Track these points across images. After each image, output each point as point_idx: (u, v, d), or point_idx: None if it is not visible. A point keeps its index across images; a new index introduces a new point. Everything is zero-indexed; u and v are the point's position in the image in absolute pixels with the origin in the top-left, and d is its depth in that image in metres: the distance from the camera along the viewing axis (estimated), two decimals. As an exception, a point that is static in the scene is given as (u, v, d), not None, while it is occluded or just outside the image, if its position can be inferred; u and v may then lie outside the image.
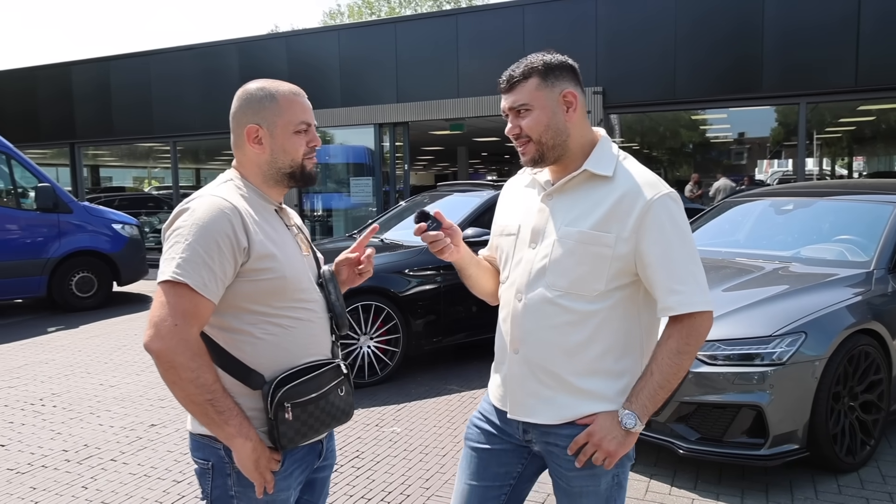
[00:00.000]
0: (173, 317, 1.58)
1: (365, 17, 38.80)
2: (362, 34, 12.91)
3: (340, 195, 13.01)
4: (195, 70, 13.97)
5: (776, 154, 13.27)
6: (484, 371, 6.01)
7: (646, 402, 1.73)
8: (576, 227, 1.77)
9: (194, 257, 1.60)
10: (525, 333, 1.83)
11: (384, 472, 4.06)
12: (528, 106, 1.79)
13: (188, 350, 1.58)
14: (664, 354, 1.72)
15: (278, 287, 1.72)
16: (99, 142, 15.82)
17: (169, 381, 1.60)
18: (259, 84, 1.81)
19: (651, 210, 1.71)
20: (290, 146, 1.79)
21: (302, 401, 1.71)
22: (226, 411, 1.63)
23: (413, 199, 8.00)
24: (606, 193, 1.76)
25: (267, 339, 1.72)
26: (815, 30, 9.68)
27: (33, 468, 4.20)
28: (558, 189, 1.84)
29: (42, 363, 6.63)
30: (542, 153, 1.81)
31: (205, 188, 1.77)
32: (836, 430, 3.76)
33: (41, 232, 9.08)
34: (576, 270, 1.76)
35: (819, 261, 4.62)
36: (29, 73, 16.09)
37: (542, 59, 1.80)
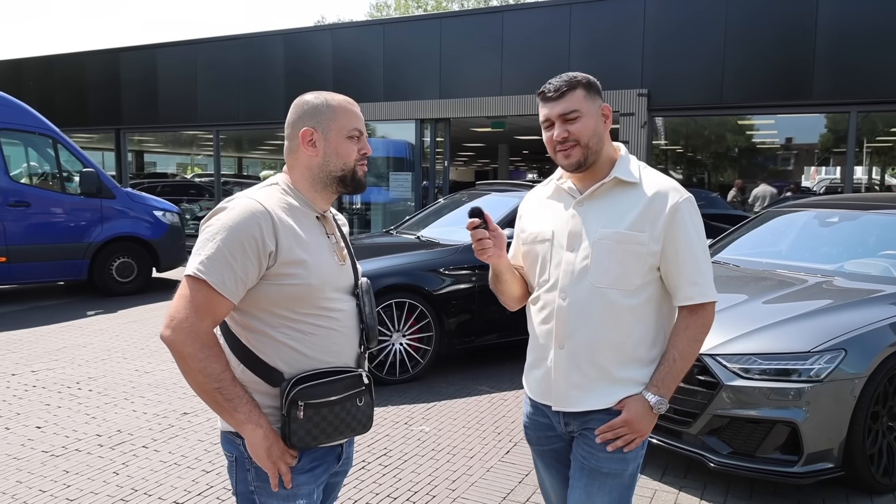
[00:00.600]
0: (187, 309, 1.65)
1: (412, 10, 38.85)
2: (407, 29, 12.90)
3: (379, 189, 13.03)
4: (240, 60, 14.11)
5: (824, 161, 12.94)
6: (515, 373, 5.96)
7: (671, 386, 1.95)
8: (612, 228, 1.94)
9: (218, 256, 1.66)
10: (571, 329, 1.98)
11: (411, 472, 4.04)
12: (579, 112, 1.95)
13: (196, 341, 1.65)
14: (685, 342, 1.95)
15: (302, 293, 1.75)
16: (144, 128, 16.09)
17: (182, 370, 1.69)
18: (316, 93, 1.89)
19: (678, 211, 1.93)
20: (343, 150, 1.85)
21: (315, 402, 1.74)
22: (234, 399, 1.69)
23: (451, 197, 7.97)
24: (635, 197, 1.96)
25: (286, 342, 1.76)
26: (870, 36, 9.39)
27: (67, 451, 4.27)
28: (589, 196, 2.01)
29: (80, 346, 6.76)
30: (587, 157, 1.97)
31: (248, 190, 1.83)
32: (873, 451, 3.68)
33: (84, 216, 9.25)
34: (616, 268, 1.93)
35: (863, 276, 4.51)
36: (78, 58, 16.44)
37: (581, 74, 2.00)
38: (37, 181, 9.46)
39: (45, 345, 6.80)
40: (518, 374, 5.94)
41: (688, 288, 1.94)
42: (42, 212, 8.93)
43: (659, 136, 11.23)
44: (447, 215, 7.28)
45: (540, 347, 2.08)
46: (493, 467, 4.13)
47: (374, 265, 5.78)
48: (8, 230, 8.60)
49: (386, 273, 5.68)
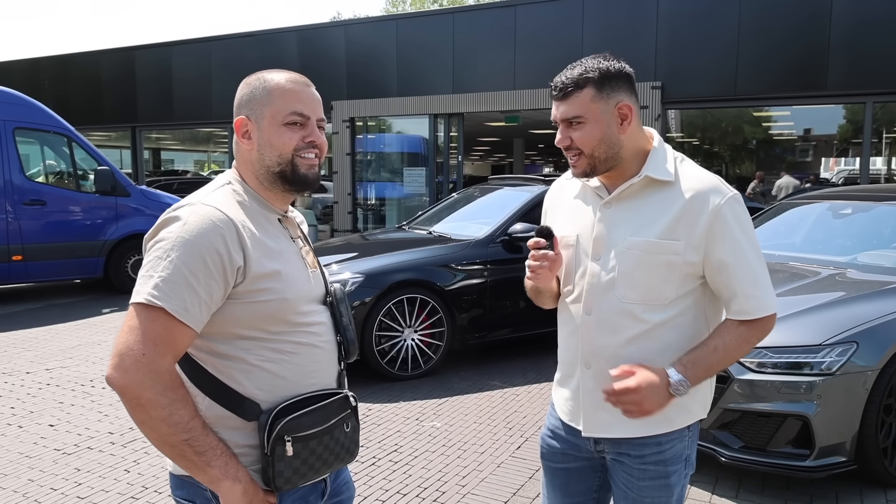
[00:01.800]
0: (142, 345, 1.35)
1: (427, 5, 38.80)
2: (420, 24, 12.87)
3: (394, 184, 13.04)
4: (255, 57, 14.15)
5: (843, 152, 12.80)
6: (528, 368, 5.93)
7: (700, 374, 1.69)
8: (642, 236, 1.71)
9: (175, 277, 1.37)
10: (597, 348, 1.78)
11: (421, 468, 4.02)
12: (581, 119, 1.70)
13: (157, 384, 1.35)
14: (734, 337, 1.70)
15: (277, 310, 1.50)
16: (159, 125, 16.20)
17: (137, 420, 1.38)
18: (260, 73, 1.60)
19: (720, 214, 1.67)
20: (277, 140, 1.54)
21: (304, 435, 1.49)
22: (207, 451, 1.40)
23: (464, 192, 7.93)
24: (670, 199, 1.71)
25: (263, 366, 1.50)
26: (883, 27, 9.28)
27: (79, 449, 4.29)
28: (617, 197, 1.77)
29: (95, 344, 6.81)
30: (594, 166, 1.74)
31: (198, 192, 1.55)
32: (886, 444, 3.65)
33: (100, 214, 9.32)
34: (646, 281, 1.71)
35: (876, 268, 4.47)
36: (94, 56, 16.57)
37: (597, 66, 1.70)
38: (52, 180, 9.56)
39: (60, 343, 6.86)
40: (531, 370, 5.95)
41: (743, 301, 1.69)
42: (58, 210, 9.00)
43: (672, 129, 11.12)
44: (460, 210, 7.24)
45: (567, 364, 1.90)
46: (504, 463, 4.10)
47: (387, 261, 5.77)
48: (24, 228, 8.67)
49: (398, 269, 5.67)
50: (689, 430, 1.83)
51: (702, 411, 1.84)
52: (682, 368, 1.67)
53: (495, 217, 6.37)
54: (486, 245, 6.06)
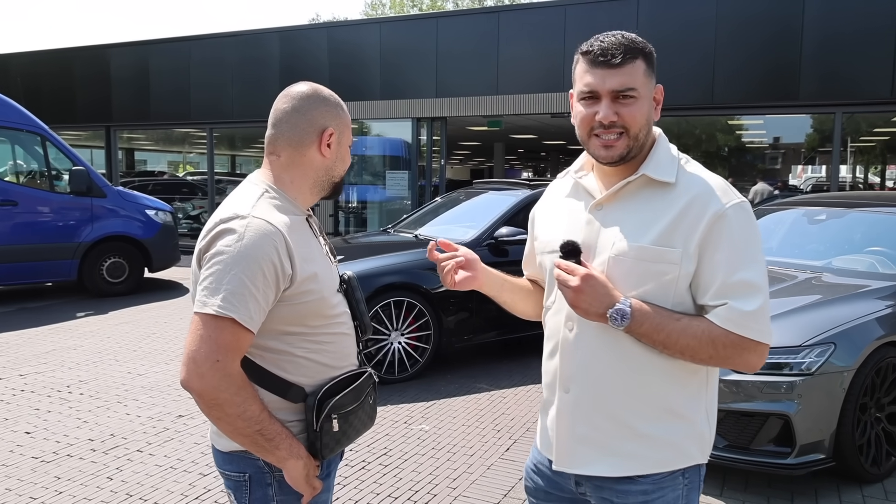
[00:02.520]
0: (216, 352, 1.50)
1: (407, 9, 38.79)
2: (404, 27, 12.86)
3: (376, 188, 12.98)
4: (235, 57, 14.00)
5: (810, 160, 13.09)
6: (515, 371, 5.92)
7: (645, 324, 1.46)
8: (634, 241, 1.50)
9: (241, 289, 1.52)
10: (578, 369, 1.57)
11: (411, 471, 3.99)
12: (636, 93, 1.50)
13: (232, 385, 1.52)
14: (704, 327, 1.46)
15: (317, 308, 1.67)
16: (135, 125, 15.95)
17: (213, 417, 1.55)
18: (328, 90, 1.76)
19: (722, 219, 1.46)
20: (347, 157, 1.78)
21: (346, 411, 1.69)
22: (275, 437, 1.59)
23: (448, 196, 7.91)
24: (669, 202, 1.50)
25: (307, 356, 1.68)
26: (853, 40, 9.62)
27: (58, 457, 4.17)
28: (610, 197, 1.57)
29: (70, 349, 6.65)
30: (630, 150, 1.53)
31: (240, 201, 1.64)
32: (862, 441, 3.78)
33: (74, 215, 9.11)
34: (636, 292, 1.50)
35: (850, 272, 4.62)
36: (66, 54, 16.27)
37: (642, 41, 1.53)
38: (24, 180, 9.32)
39: (33, 347, 6.69)
40: (517, 371, 5.94)
41: (726, 310, 1.47)
42: (30, 211, 8.79)
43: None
44: (445, 214, 7.23)
45: (548, 386, 1.68)
46: (494, 465, 4.09)
47: (373, 264, 5.72)
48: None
49: (384, 272, 5.62)
50: (684, 478, 1.57)
51: (700, 455, 1.59)
52: (636, 305, 1.47)
53: (481, 221, 6.36)
54: (472, 248, 5.99)
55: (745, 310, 1.45)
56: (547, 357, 1.68)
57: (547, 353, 1.68)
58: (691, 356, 1.48)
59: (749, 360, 1.48)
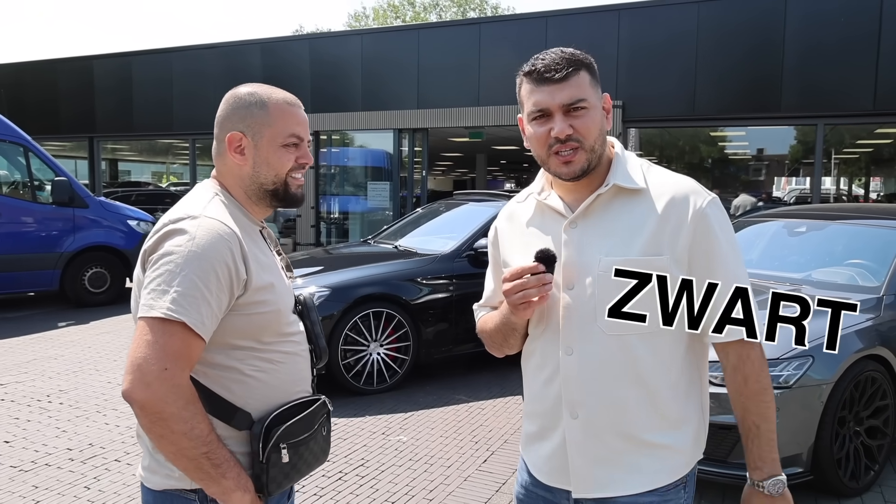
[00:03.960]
0: (163, 359, 1.35)
1: (390, 20, 38.94)
2: (386, 39, 12.94)
3: (357, 198, 13.01)
4: (218, 68, 14.03)
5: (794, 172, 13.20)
6: (493, 382, 5.96)
7: (771, 456, 1.56)
8: (620, 255, 1.48)
9: (193, 291, 1.38)
10: (586, 393, 1.53)
11: (388, 482, 4.02)
12: (586, 103, 1.49)
13: (180, 398, 1.36)
14: (752, 401, 1.55)
15: (271, 321, 1.54)
16: (118, 136, 15.93)
17: (155, 434, 1.38)
18: (251, 88, 1.62)
19: (704, 218, 1.49)
20: (276, 160, 1.58)
21: (296, 441, 1.54)
22: (223, 463, 1.42)
23: (429, 207, 7.97)
24: (644, 209, 1.50)
25: (257, 375, 1.53)
26: (834, 53, 9.69)
27: (36, 466, 4.18)
28: (583, 213, 1.54)
29: (51, 359, 6.64)
30: (590, 162, 1.51)
31: (191, 203, 1.55)
32: (840, 455, 3.76)
33: (56, 226, 9.10)
34: None
35: (830, 284, 4.60)
36: (50, 65, 16.24)
37: (581, 53, 1.53)
38: (7, 190, 9.31)
39: (14, 357, 6.67)
40: (495, 383, 5.98)
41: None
42: (12, 221, 8.77)
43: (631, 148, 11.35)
44: (425, 225, 7.28)
45: (545, 415, 1.62)
46: (471, 476, 4.12)
47: (352, 275, 5.76)
48: (-24, 240, 8.44)
49: (364, 283, 5.67)
50: (685, 491, 1.60)
51: (700, 451, 1.64)
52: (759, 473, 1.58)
53: (461, 232, 6.41)
54: (451, 260, 6.10)
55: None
56: (542, 385, 1.61)
57: (542, 380, 1.61)
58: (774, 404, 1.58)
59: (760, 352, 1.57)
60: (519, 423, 4.99)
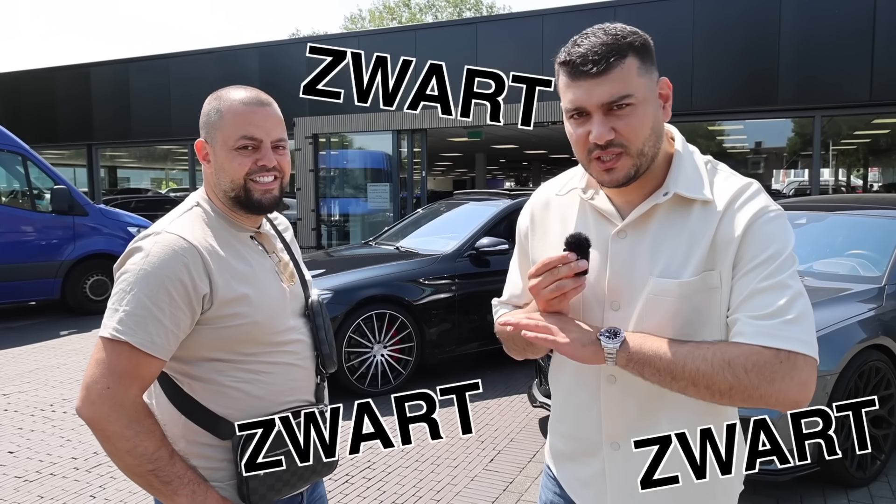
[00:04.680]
0: (108, 378, 1.38)
1: (386, 22, 38.96)
2: (382, 40, 12.93)
3: (357, 200, 13.00)
4: (215, 73, 14.03)
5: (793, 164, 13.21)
6: (497, 381, 5.95)
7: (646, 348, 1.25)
8: (674, 276, 1.28)
9: (139, 310, 1.38)
10: (629, 425, 1.37)
11: (396, 483, 4.01)
12: (633, 99, 1.25)
13: (122, 416, 1.38)
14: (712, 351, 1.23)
15: (248, 333, 1.50)
16: (116, 143, 15.93)
17: (105, 450, 1.42)
18: (218, 92, 1.57)
19: (756, 224, 1.26)
20: (228, 165, 1.52)
21: (277, 453, 1.50)
22: (173, 480, 1.42)
23: (429, 207, 7.96)
24: (704, 223, 1.29)
25: (238, 386, 1.51)
26: (830, 45, 9.71)
27: (41, 476, 4.17)
28: (634, 222, 1.33)
29: (54, 367, 6.62)
30: (638, 169, 1.29)
31: (166, 217, 1.56)
32: (846, 446, 3.77)
33: (56, 234, 9.10)
34: (684, 331, 1.29)
35: (831, 275, 4.61)
36: (48, 73, 16.24)
37: (629, 32, 1.28)
38: (6, 199, 9.32)
39: (16, 367, 6.66)
40: (500, 383, 5.97)
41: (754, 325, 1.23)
42: (12, 230, 8.76)
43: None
44: (426, 225, 7.27)
45: (579, 440, 1.47)
46: (478, 476, 4.11)
47: (355, 276, 5.75)
48: (-24, 250, 8.43)
49: (366, 284, 5.65)
50: None
51: (740, 485, 1.48)
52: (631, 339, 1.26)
53: (462, 231, 6.40)
54: (453, 259, 6.08)
55: (782, 318, 1.22)
56: (578, 408, 1.45)
57: (577, 404, 1.45)
58: (707, 387, 1.22)
59: (784, 387, 1.20)
60: (524, 422, 4.98)
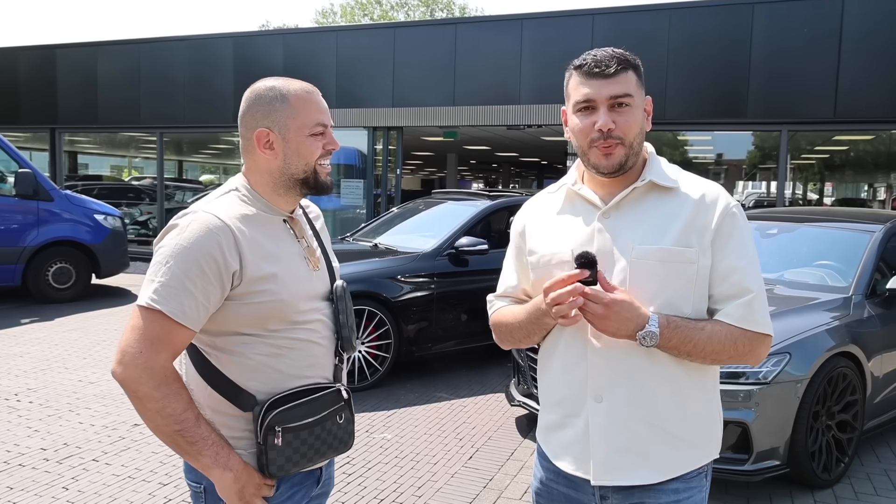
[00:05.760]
0: (140, 343, 1.48)
1: (357, 18, 38.76)
2: (361, 37, 12.84)
3: (329, 196, 12.90)
4: (187, 62, 13.78)
5: (751, 176, 13.55)
6: (473, 380, 5.98)
7: (674, 340, 1.51)
8: (654, 244, 1.55)
9: (173, 282, 1.49)
10: (612, 378, 1.56)
11: (376, 479, 4.00)
12: (631, 100, 1.57)
13: (152, 379, 1.48)
14: (725, 331, 1.53)
15: (274, 310, 1.59)
16: (82, 128, 15.54)
17: (137, 410, 1.52)
18: (269, 83, 1.66)
19: (731, 217, 1.57)
20: (306, 150, 1.64)
21: (294, 426, 1.58)
22: (198, 441, 1.51)
23: (406, 206, 7.94)
24: (676, 205, 1.58)
25: (261, 360, 1.60)
26: (798, 62, 10.00)
27: (10, 467, 4.06)
28: (617, 205, 1.60)
29: (16, 356, 6.44)
30: (628, 159, 1.58)
31: (203, 199, 1.65)
32: (814, 448, 3.91)
33: (18, 219, 8.83)
34: (662, 294, 1.55)
35: (801, 284, 4.75)
36: (11, 53, 15.77)
37: (630, 54, 1.62)
38: (-32, 182, 9.01)
39: (-22, 353, 6.47)
40: (475, 381, 6.00)
41: (748, 309, 1.55)
42: (-29, 214, 8.50)
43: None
44: (404, 223, 7.25)
45: (567, 402, 1.64)
46: (458, 473, 4.13)
47: (333, 272, 5.71)
48: (-65, 233, 8.15)
49: (345, 280, 5.61)
50: (706, 479, 1.65)
51: (716, 450, 1.67)
52: (664, 322, 1.50)
53: (441, 230, 6.41)
54: (433, 258, 6.08)
55: (755, 307, 1.55)
56: (567, 370, 1.63)
57: (567, 366, 1.63)
58: (713, 359, 1.55)
59: (761, 353, 1.58)
60: (500, 421, 5.01)
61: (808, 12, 9.90)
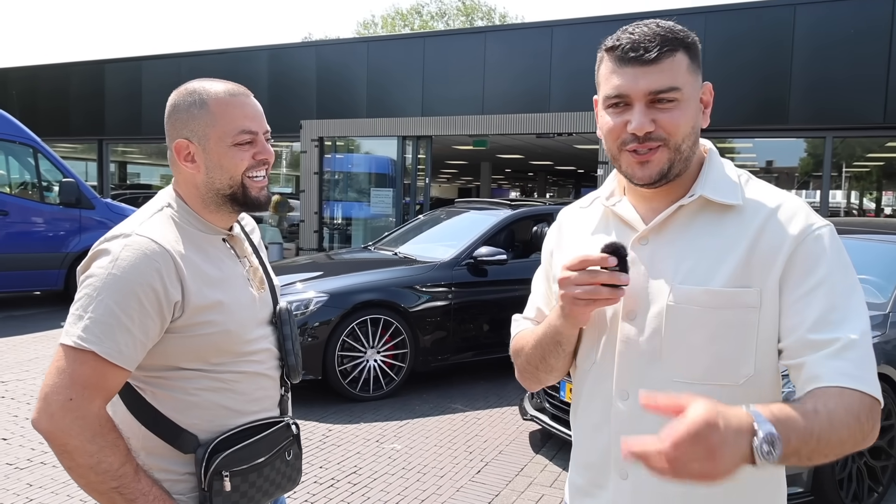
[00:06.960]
0: (69, 388, 1.28)
1: (398, 28, 39.12)
2: (391, 47, 12.99)
3: (360, 204, 13.05)
4: (225, 74, 13.77)
5: (804, 184, 13.19)
6: (490, 392, 5.97)
7: (793, 437, 0.97)
8: (699, 283, 1.17)
9: (107, 317, 1.30)
10: None
11: (380, 490, 4.02)
12: (678, 94, 1.17)
13: (85, 430, 1.28)
14: (840, 404, 1.04)
15: (219, 342, 1.43)
16: (127, 139, 16.06)
17: (64, 465, 1.31)
18: (191, 86, 1.48)
19: (807, 245, 1.15)
20: (228, 162, 1.44)
21: (243, 468, 1.43)
22: (138, 498, 1.32)
23: (430, 214, 8.00)
24: (738, 231, 1.18)
25: (204, 396, 1.43)
26: (843, 64, 9.63)
27: (32, 464, 4.22)
28: (658, 227, 1.23)
29: (52, 357, 6.66)
30: (672, 166, 1.20)
31: (133, 217, 1.46)
32: (842, 475, 3.72)
33: (62, 226, 9.20)
34: (710, 349, 1.17)
35: None
36: (63, 69, 16.41)
37: (683, 29, 1.21)
38: (16, 190, 9.41)
39: (16, 355, 6.72)
40: (493, 393, 5.99)
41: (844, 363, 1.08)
42: (20, 221, 8.86)
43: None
44: (426, 232, 7.30)
45: (593, 468, 1.32)
46: (464, 487, 4.11)
47: (351, 281, 5.80)
48: (-16, 239, 8.53)
49: (362, 289, 5.69)
50: None
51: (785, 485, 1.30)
52: (770, 416, 0.96)
53: (461, 240, 6.43)
54: (451, 268, 6.11)
55: (864, 360, 1.10)
56: (591, 431, 1.32)
57: (591, 427, 1.32)
58: (837, 454, 1.05)
59: (876, 428, 1.09)
60: (514, 435, 5.00)
61: (853, 11, 9.58)
